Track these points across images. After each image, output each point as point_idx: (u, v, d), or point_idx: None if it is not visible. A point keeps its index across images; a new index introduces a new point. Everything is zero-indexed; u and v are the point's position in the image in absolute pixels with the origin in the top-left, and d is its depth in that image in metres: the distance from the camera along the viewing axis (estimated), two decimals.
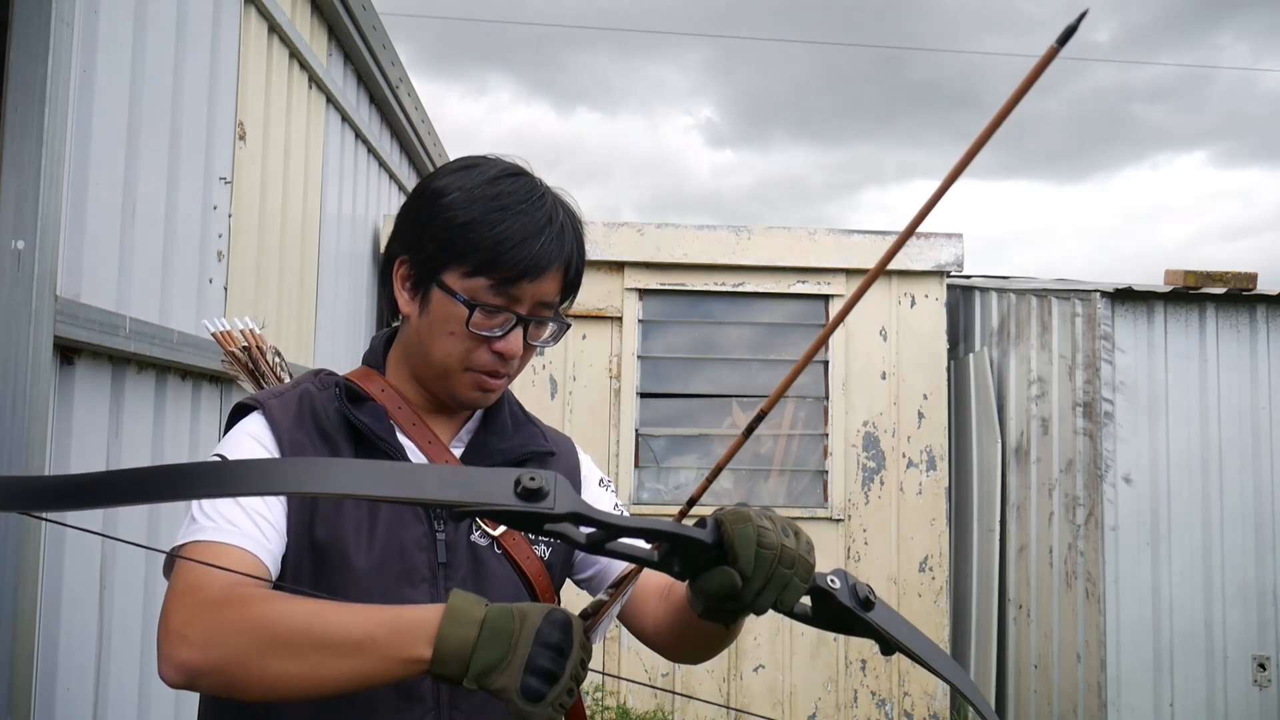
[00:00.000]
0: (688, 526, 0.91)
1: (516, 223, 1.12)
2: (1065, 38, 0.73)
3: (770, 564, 0.90)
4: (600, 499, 1.33)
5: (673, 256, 4.92)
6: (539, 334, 1.19)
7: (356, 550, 1.11)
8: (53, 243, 1.78)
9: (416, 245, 1.16)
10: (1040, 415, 4.67)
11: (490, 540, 1.18)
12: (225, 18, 2.64)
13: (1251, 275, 4.21)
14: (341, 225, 3.95)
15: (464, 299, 1.13)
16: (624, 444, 4.88)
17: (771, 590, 0.91)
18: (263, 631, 0.92)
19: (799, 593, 0.93)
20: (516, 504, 0.80)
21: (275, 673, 0.90)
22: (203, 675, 0.93)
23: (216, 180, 2.59)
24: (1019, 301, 4.95)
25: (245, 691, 0.93)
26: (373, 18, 3.83)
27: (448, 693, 1.12)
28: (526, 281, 1.13)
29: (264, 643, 0.91)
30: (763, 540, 0.90)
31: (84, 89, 1.95)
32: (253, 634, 0.92)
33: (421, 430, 1.20)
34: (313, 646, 0.91)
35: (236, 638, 0.92)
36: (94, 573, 2.00)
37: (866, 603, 0.96)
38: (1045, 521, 4.57)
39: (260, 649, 0.91)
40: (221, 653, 0.92)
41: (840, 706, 4.77)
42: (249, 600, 0.95)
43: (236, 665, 0.91)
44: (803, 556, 0.93)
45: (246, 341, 2.19)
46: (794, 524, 0.96)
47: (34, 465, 1.73)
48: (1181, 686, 4.09)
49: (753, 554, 0.89)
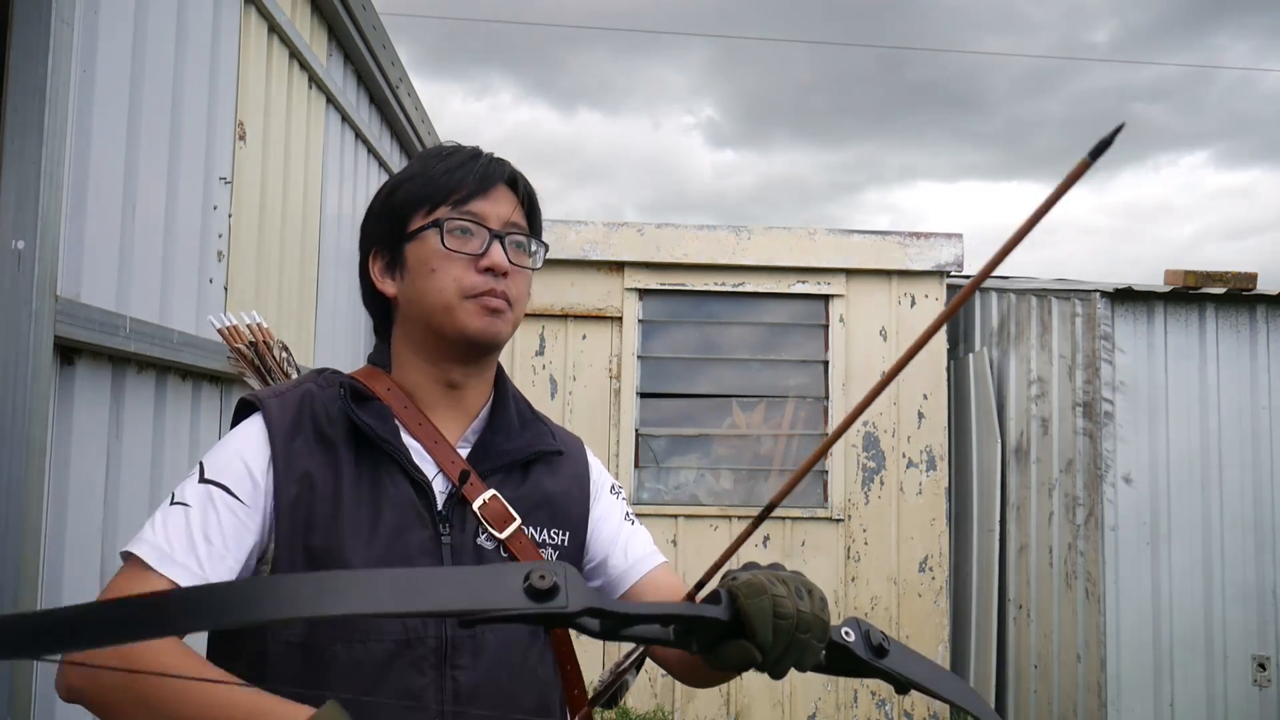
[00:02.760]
0: (702, 605, 0.88)
1: (454, 159, 1.22)
2: (1099, 151, 0.71)
3: (788, 634, 0.88)
4: (612, 509, 1.32)
5: (673, 256, 4.92)
6: (521, 256, 1.22)
7: (355, 557, 1.09)
8: (53, 243, 1.78)
9: (379, 231, 1.24)
10: (1040, 415, 4.67)
11: (497, 544, 1.17)
12: (225, 18, 2.64)
13: (1251, 275, 4.21)
14: (341, 225, 3.95)
15: (432, 224, 1.18)
16: (624, 444, 4.87)
17: (790, 657, 0.90)
18: (136, 691, 0.94)
19: (817, 654, 0.91)
20: (529, 606, 0.77)
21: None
22: (83, 704, 0.98)
23: (216, 180, 2.59)
24: (1019, 301, 4.95)
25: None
26: (373, 18, 3.83)
27: (451, 698, 1.11)
28: (479, 198, 1.20)
29: (134, 699, 0.94)
30: (779, 611, 0.88)
31: (84, 89, 1.95)
32: (128, 689, 0.95)
33: (428, 430, 1.19)
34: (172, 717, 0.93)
35: (115, 689, 0.95)
36: (94, 573, 2.00)
37: (880, 650, 0.95)
38: (1045, 521, 4.57)
39: (131, 704, 0.95)
40: (99, 695, 0.96)
41: (840, 706, 4.77)
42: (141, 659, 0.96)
43: (109, 712, 0.96)
44: (818, 618, 0.91)
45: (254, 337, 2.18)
46: (805, 581, 0.94)
47: (34, 466, 1.73)
48: (1181, 686, 4.09)
49: (770, 628, 0.87)
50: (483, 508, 1.17)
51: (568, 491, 1.27)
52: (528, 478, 1.23)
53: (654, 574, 1.29)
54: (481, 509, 1.17)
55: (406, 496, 1.14)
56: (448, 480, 1.17)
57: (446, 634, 1.11)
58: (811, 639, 0.90)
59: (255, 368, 2.16)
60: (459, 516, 1.16)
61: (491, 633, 1.14)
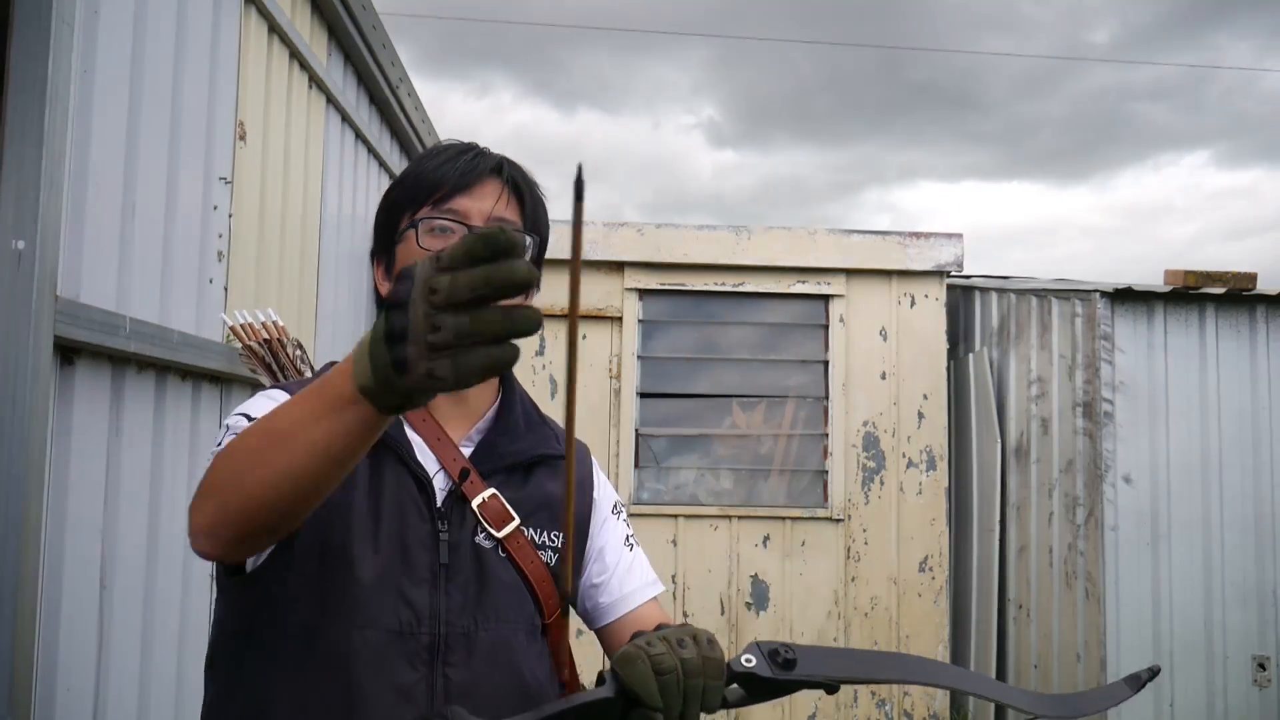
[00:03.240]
0: (589, 692, 0.92)
1: (441, 157, 1.22)
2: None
3: (675, 687, 0.91)
4: (613, 530, 1.32)
5: (673, 256, 4.92)
6: None
7: (363, 548, 1.11)
8: (53, 243, 1.78)
9: (377, 233, 1.27)
10: (1040, 415, 4.67)
11: (495, 543, 1.17)
12: (225, 18, 2.64)
13: (1251, 275, 4.21)
14: (341, 225, 3.95)
15: (411, 225, 1.20)
16: (624, 444, 4.88)
17: (691, 705, 0.92)
18: (231, 458, 0.95)
19: (718, 692, 0.94)
20: None
21: (255, 481, 0.92)
22: (214, 527, 0.96)
23: (216, 180, 2.59)
24: (1019, 301, 4.95)
25: (249, 519, 0.93)
26: (373, 18, 3.83)
27: (442, 695, 1.11)
28: (461, 196, 1.19)
29: (236, 465, 0.94)
30: (659, 668, 0.90)
31: (84, 89, 1.95)
32: (227, 465, 0.96)
33: (431, 426, 1.20)
34: (269, 444, 0.92)
35: (220, 477, 0.96)
36: (94, 573, 2.00)
37: (787, 663, 0.97)
38: (1045, 521, 4.57)
39: (235, 472, 0.94)
40: (216, 497, 0.95)
41: (840, 706, 4.77)
42: (223, 449, 0.99)
43: (229, 498, 0.94)
44: (708, 659, 0.93)
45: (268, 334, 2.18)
46: (688, 629, 0.96)
47: (34, 465, 1.73)
48: (1181, 686, 4.09)
49: (655, 688, 0.90)
50: (481, 506, 1.17)
51: None
52: (530, 480, 1.23)
53: (642, 611, 1.29)
54: (480, 507, 1.17)
55: (407, 490, 1.15)
56: (448, 477, 1.18)
57: (440, 630, 1.12)
58: (705, 682, 0.92)
59: (267, 365, 2.17)
60: (458, 514, 1.17)
61: (486, 631, 1.15)
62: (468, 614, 1.14)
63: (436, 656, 1.12)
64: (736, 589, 4.83)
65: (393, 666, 1.10)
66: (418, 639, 1.11)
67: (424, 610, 1.12)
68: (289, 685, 1.09)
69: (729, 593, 4.82)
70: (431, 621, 1.12)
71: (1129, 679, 1.06)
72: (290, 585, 1.10)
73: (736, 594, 4.82)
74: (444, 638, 1.12)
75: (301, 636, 1.09)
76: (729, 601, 4.82)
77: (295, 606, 1.10)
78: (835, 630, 4.78)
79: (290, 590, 1.10)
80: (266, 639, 1.10)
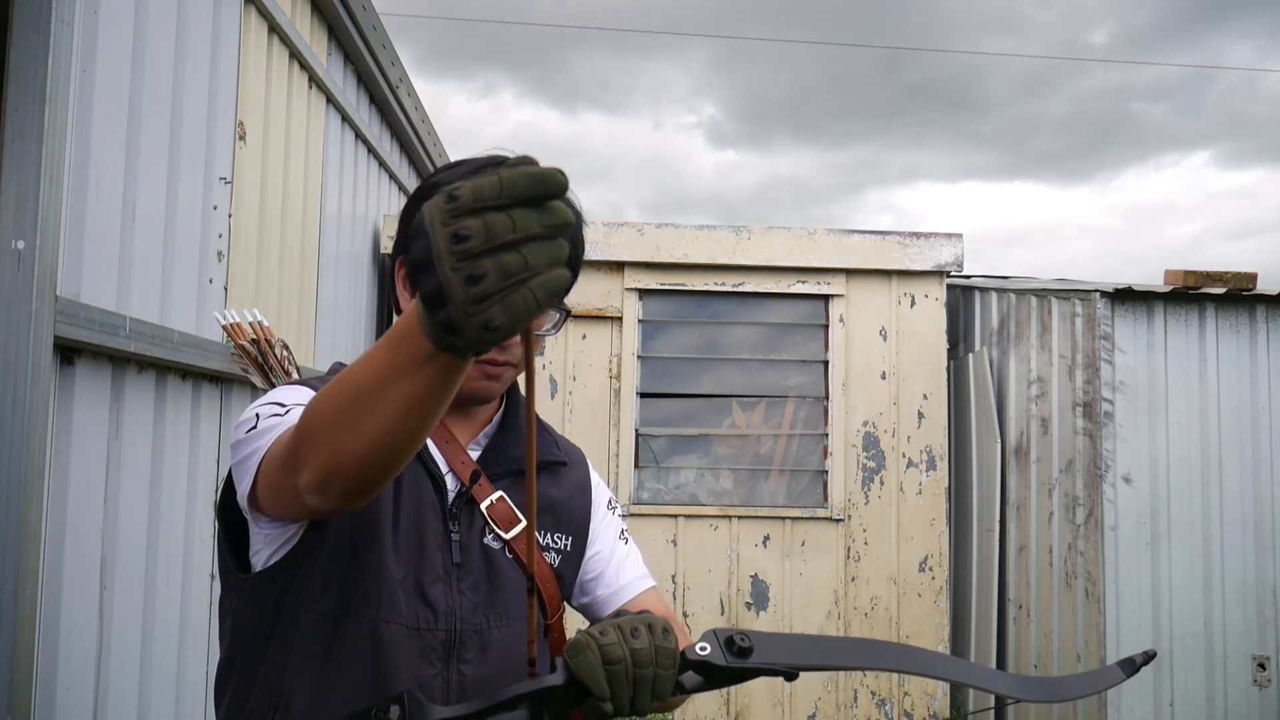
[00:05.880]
0: (540, 679, 0.93)
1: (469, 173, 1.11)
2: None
3: (623, 676, 0.92)
4: (607, 524, 1.34)
5: (673, 256, 4.92)
6: (537, 322, 1.18)
7: (389, 543, 1.13)
8: (53, 243, 1.78)
9: (403, 241, 1.18)
10: (1040, 415, 4.67)
11: (502, 544, 1.19)
12: (225, 18, 2.64)
13: (1251, 275, 4.20)
14: (341, 225, 3.95)
15: None
16: (624, 444, 4.88)
17: (641, 694, 0.93)
18: (321, 408, 0.91)
19: (670, 681, 0.95)
20: None
21: (350, 441, 0.87)
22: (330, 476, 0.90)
23: (216, 180, 2.59)
24: (1019, 301, 4.95)
25: (363, 459, 0.88)
26: (373, 18, 3.83)
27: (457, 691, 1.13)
28: None
29: (332, 413, 0.89)
30: (608, 658, 0.91)
31: (84, 89, 1.95)
32: (319, 417, 0.91)
33: (439, 429, 1.21)
34: (359, 406, 0.87)
35: (317, 429, 0.91)
36: (94, 573, 2.00)
37: (743, 651, 0.97)
38: (1045, 521, 4.57)
39: (328, 431, 0.89)
40: (303, 434, 0.92)
41: (840, 706, 4.77)
42: (304, 412, 0.95)
43: (321, 448, 0.90)
44: (661, 647, 0.94)
45: (256, 334, 2.19)
46: (643, 618, 0.97)
47: (34, 465, 1.73)
48: (1181, 686, 4.09)
49: (603, 677, 0.91)
50: (490, 508, 1.19)
51: (571, 498, 1.31)
52: None
53: (642, 599, 1.30)
54: (489, 509, 1.19)
55: (425, 489, 1.17)
56: (457, 479, 1.20)
57: (455, 627, 1.14)
58: (654, 671, 0.93)
59: (259, 365, 2.17)
60: (467, 515, 1.19)
61: (498, 630, 1.17)
62: (480, 613, 1.16)
63: (452, 653, 1.14)
64: (736, 589, 4.83)
65: (413, 661, 1.11)
66: (434, 635, 1.13)
67: (440, 607, 1.14)
68: (311, 673, 1.11)
69: (729, 593, 4.83)
70: (447, 619, 1.14)
71: (1123, 662, 1.04)
72: (319, 576, 1.11)
73: (736, 594, 4.82)
74: (459, 635, 1.14)
75: (326, 626, 1.11)
76: (729, 601, 4.82)
77: (322, 597, 1.11)
78: (835, 630, 4.78)
79: (319, 581, 1.11)
80: (288, 628, 1.11)
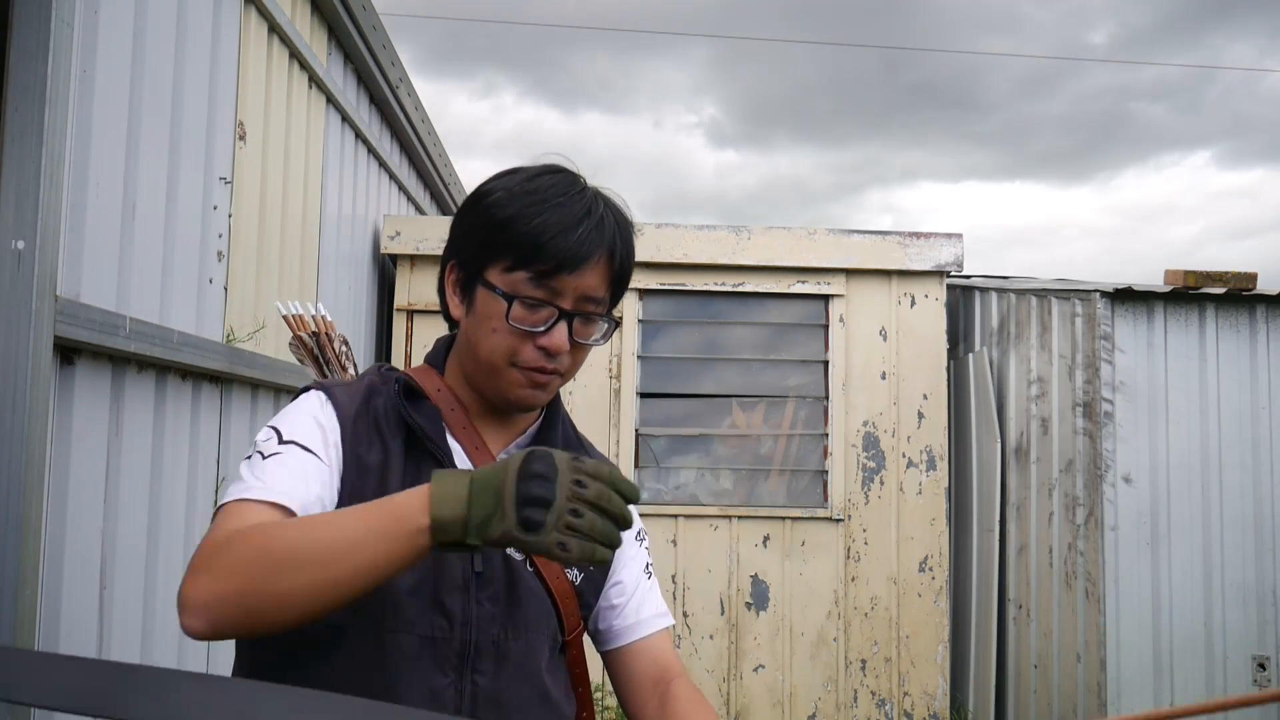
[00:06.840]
0: None
1: (554, 215, 1.13)
2: None
3: None
4: (635, 556, 1.32)
5: (672, 256, 4.92)
6: (587, 331, 1.18)
7: None
8: (53, 243, 1.78)
9: (462, 248, 1.20)
10: (1040, 415, 4.67)
11: (524, 556, 1.18)
12: (225, 18, 2.64)
13: (1251, 275, 4.20)
14: (341, 225, 3.95)
15: (503, 293, 1.14)
16: (624, 444, 4.88)
17: None
18: (263, 555, 0.93)
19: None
20: None
21: (285, 588, 0.92)
22: (217, 612, 0.93)
23: (216, 180, 2.59)
24: (1019, 301, 4.95)
25: (264, 616, 0.93)
26: (373, 18, 3.83)
27: (470, 702, 1.11)
28: (566, 274, 1.13)
29: (267, 565, 0.93)
30: None
31: (84, 89, 1.95)
32: (255, 559, 0.93)
33: (471, 435, 1.21)
34: (314, 556, 0.92)
35: (243, 567, 0.93)
36: (94, 573, 2.00)
37: None
38: (1045, 521, 4.57)
39: (265, 571, 0.92)
40: (230, 584, 0.93)
41: (840, 706, 4.77)
42: (250, 533, 0.97)
43: (248, 593, 0.92)
44: None
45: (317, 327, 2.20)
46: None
47: (34, 465, 1.73)
48: (1181, 687, 4.09)
49: None
50: None
51: None
52: None
53: (651, 640, 1.29)
54: None
55: None
56: None
57: (471, 637, 1.12)
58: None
59: (314, 357, 2.19)
60: None
61: (515, 642, 1.15)
62: (498, 624, 1.14)
63: (466, 663, 1.12)
64: (736, 589, 4.83)
65: (424, 671, 1.10)
66: (449, 644, 1.11)
67: (457, 616, 1.12)
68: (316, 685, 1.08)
69: (729, 593, 4.83)
70: (463, 628, 1.12)
71: None
72: None
73: (736, 594, 4.82)
74: (474, 645, 1.12)
75: (330, 637, 1.09)
76: (729, 601, 4.82)
77: None
78: (835, 630, 4.78)
79: None
80: (293, 640, 1.09)
